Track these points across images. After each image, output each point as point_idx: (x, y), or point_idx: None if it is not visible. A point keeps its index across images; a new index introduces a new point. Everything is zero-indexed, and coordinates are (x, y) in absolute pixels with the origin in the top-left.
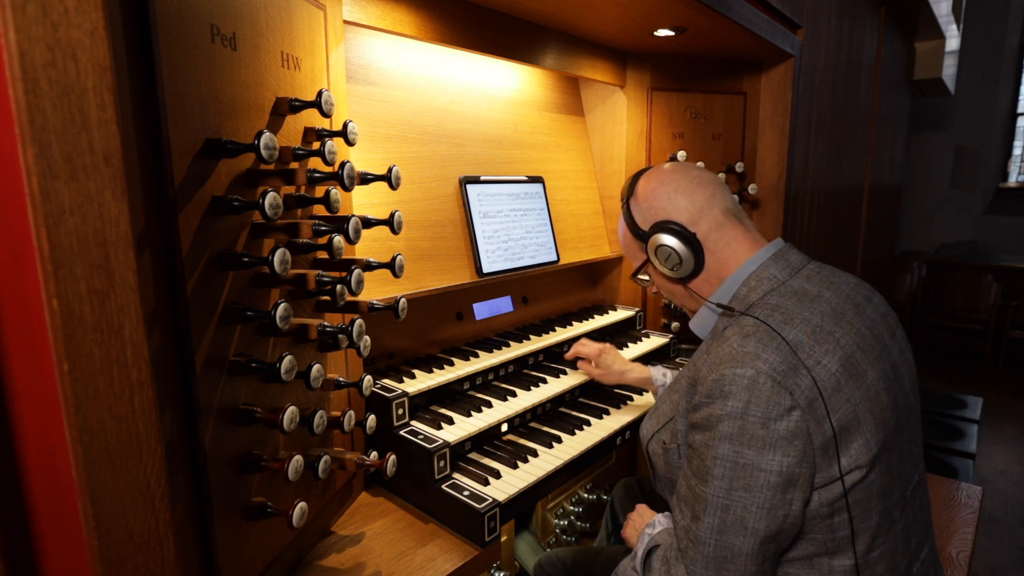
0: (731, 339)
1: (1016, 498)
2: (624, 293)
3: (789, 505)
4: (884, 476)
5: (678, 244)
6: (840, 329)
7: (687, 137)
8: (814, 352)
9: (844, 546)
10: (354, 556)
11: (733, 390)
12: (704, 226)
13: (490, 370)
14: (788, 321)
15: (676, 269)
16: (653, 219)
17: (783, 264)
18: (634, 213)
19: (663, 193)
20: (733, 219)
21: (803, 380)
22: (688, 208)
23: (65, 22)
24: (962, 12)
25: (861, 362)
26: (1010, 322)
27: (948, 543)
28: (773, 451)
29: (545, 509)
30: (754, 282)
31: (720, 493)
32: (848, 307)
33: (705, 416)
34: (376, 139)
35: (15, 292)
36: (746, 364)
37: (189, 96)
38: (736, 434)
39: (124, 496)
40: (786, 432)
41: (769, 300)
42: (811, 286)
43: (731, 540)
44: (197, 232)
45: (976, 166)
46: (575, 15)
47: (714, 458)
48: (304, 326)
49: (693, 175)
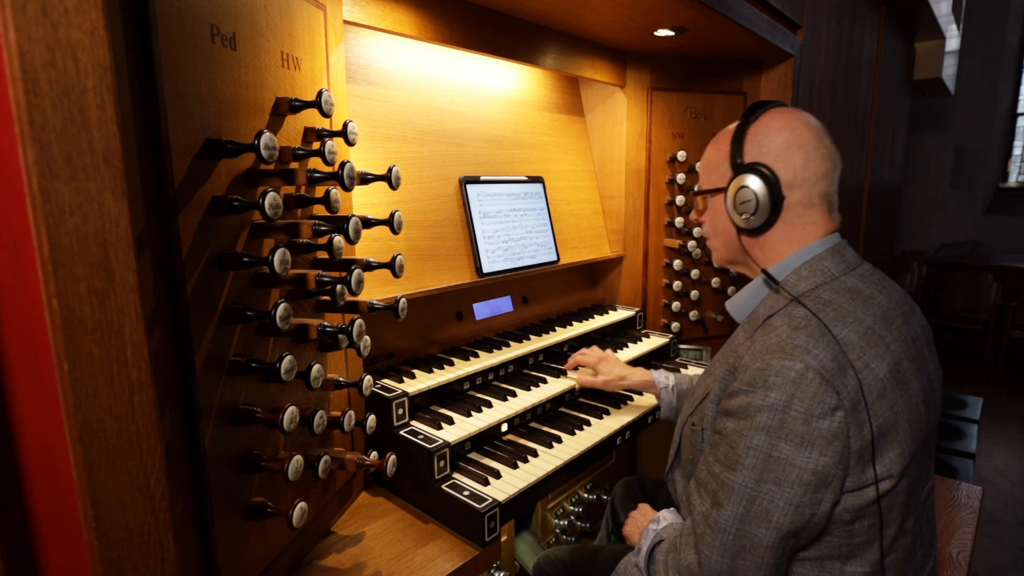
0: (779, 329)
1: (1016, 498)
2: (624, 293)
3: (818, 505)
4: (909, 487)
5: (764, 197)
6: (890, 334)
7: (687, 137)
8: (864, 354)
9: (858, 552)
10: (354, 556)
11: (778, 382)
12: (797, 196)
13: (490, 370)
14: (840, 318)
15: (742, 216)
16: (759, 157)
17: (839, 259)
18: (747, 137)
19: (785, 140)
20: (824, 206)
21: (850, 382)
22: (797, 170)
23: (65, 22)
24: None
25: (907, 371)
26: (1010, 322)
27: (948, 543)
28: (811, 449)
29: (545, 509)
30: (806, 272)
31: (748, 483)
32: (898, 314)
33: (743, 404)
34: (376, 139)
35: (15, 292)
36: (795, 357)
37: (189, 96)
38: (775, 427)
39: (124, 496)
40: (827, 432)
41: (822, 294)
42: (864, 286)
43: (752, 531)
44: (197, 232)
45: (976, 166)
46: (575, 15)
47: (747, 448)
48: (304, 326)
49: (825, 144)
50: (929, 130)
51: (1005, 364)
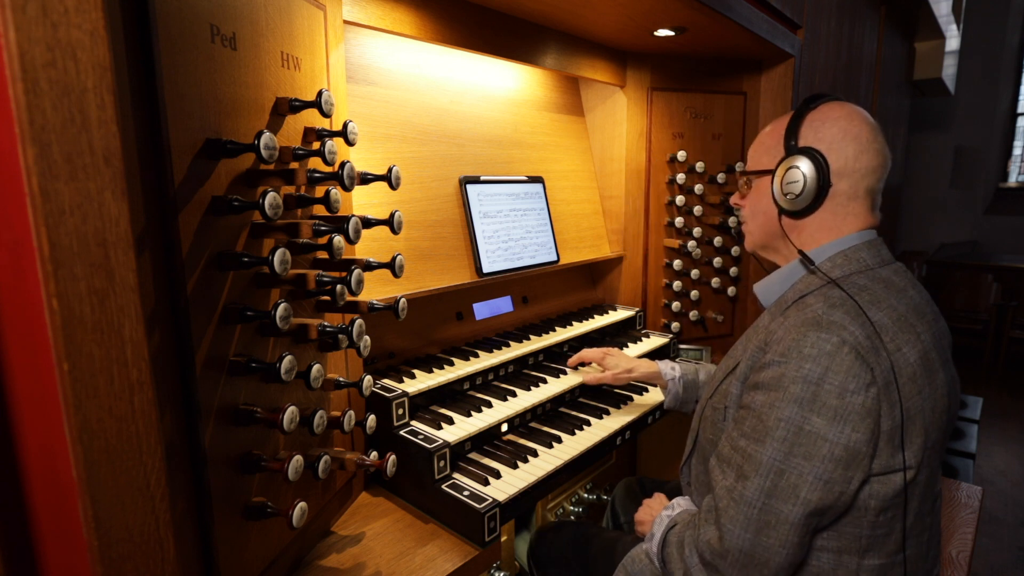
0: (814, 305)
1: (1016, 498)
2: (624, 293)
3: (848, 483)
4: (927, 479)
5: (812, 180)
6: (921, 325)
7: (687, 137)
8: (896, 338)
9: (878, 544)
10: (354, 556)
11: (814, 353)
12: (844, 185)
13: (490, 370)
14: (875, 303)
15: (789, 198)
16: (814, 143)
17: (875, 252)
18: (804, 122)
19: (842, 131)
20: (868, 201)
21: (883, 361)
22: (849, 160)
23: (65, 22)
24: (962, 12)
25: (935, 361)
26: (1010, 322)
27: (948, 543)
28: (844, 424)
29: (545, 509)
30: (841, 260)
31: (777, 456)
32: (928, 310)
33: (775, 376)
34: (376, 139)
35: (15, 292)
36: (831, 331)
37: (189, 96)
38: (808, 399)
39: (124, 496)
40: (861, 408)
41: (857, 280)
42: (898, 280)
43: (779, 506)
44: (197, 232)
45: (976, 166)
46: (575, 15)
47: (777, 420)
48: (304, 326)
49: (878, 141)
50: (929, 130)
51: (1005, 364)
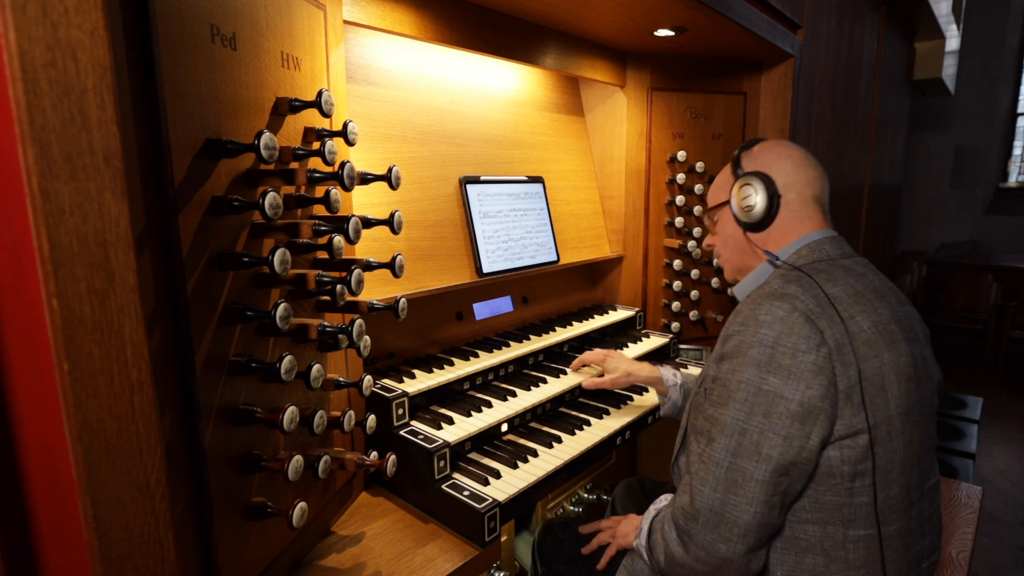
0: (772, 282)
1: (1016, 498)
2: (624, 293)
3: (806, 438)
4: (907, 448)
5: (761, 193)
6: (879, 302)
7: (687, 137)
8: (850, 308)
9: (860, 515)
10: (354, 556)
11: (768, 319)
12: (791, 196)
13: (490, 370)
14: (831, 281)
15: (746, 212)
16: (756, 168)
17: (837, 246)
18: (743, 159)
19: (776, 154)
20: (818, 206)
21: (836, 326)
22: (789, 175)
23: (65, 22)
24: (962, 12)
25: (895, 332)
26: (1010, 322)
27: (948, 543)
28: (797, 381)
29: (545, 509)
30: (806, 251)
31: (740, 416)
32: (889, 293)
33: (736, 344)
34: (376, 139)
35: (15, 292)
36: (784, 300)
37: (189, 96)
38: (764, 361)
39: (124, 496)
40: (812, 366)
41: (818, 266)
42: (859, 268)
43: (744, 464)
44: (197, 232)
45: (976, 166)
46: (575, 15)
47: (739, 382)
48: (304, 326)
49: (809, 160)
50: (929, 130)
51: (1005, 364)
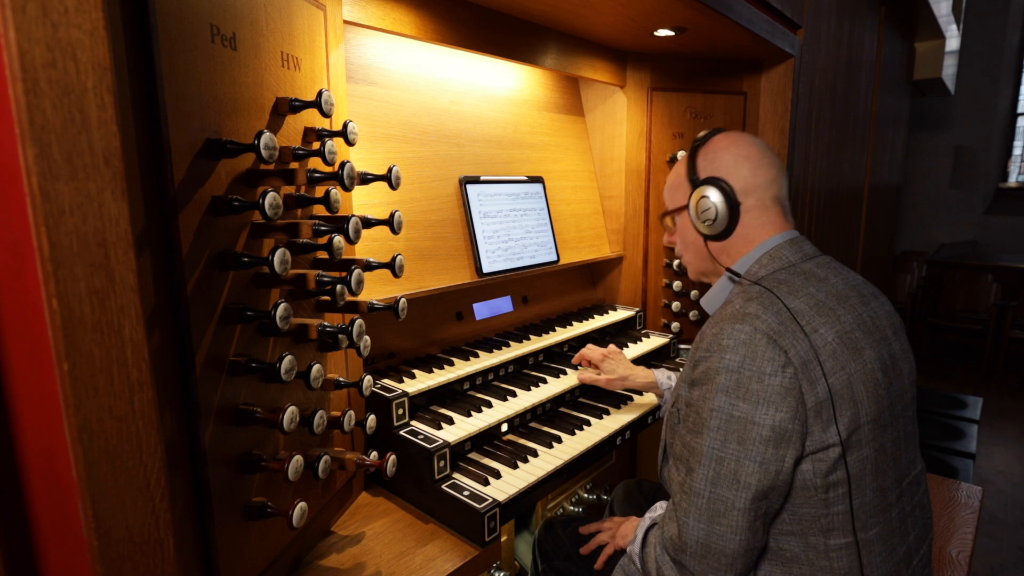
0: (734, 301)
1: (1016, 498)
2: (624, 293)
3: (781, 462)
4: (878, 454)
5: (721, 203)
6: (842, 308)
7: (687, 137)
8: (813, 320)
9: (839, 524)
10: (354, 556)
11: (731, 344)
12: (751, 201)
13: (490, 370)
14: (792, 293)
15: (707, 225)
16: (712, 172)
17: (796, 249)
18: (698, 159)
19: (733, 155)
20: (779, 207)
21: (800, 343)
22: (747, 179)
23: (65, 22)
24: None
25: (860, 340)
26: (1010, 322)
27: (948, 543)
28: (767, 406)
29: (545, 509)
30: (766, 260)
31: (715, 445)
32: (852, 294)
33: (704, 370)
34: (376, 139)
35: (15, 292)
36: (745, 321)
37: (189, 96)
38: (732, 387)
39: (124, 496)
40: (780, 388)
41: (778, 276)
42: (820, 271)
43: (724, 493)
44: (197, 232)
45: (976, 166)
46: (575, 15)
47: (710, 410)
48: (304, 326)
49: (767, 155)
50: (929, 130)
51: (1005, 364)
